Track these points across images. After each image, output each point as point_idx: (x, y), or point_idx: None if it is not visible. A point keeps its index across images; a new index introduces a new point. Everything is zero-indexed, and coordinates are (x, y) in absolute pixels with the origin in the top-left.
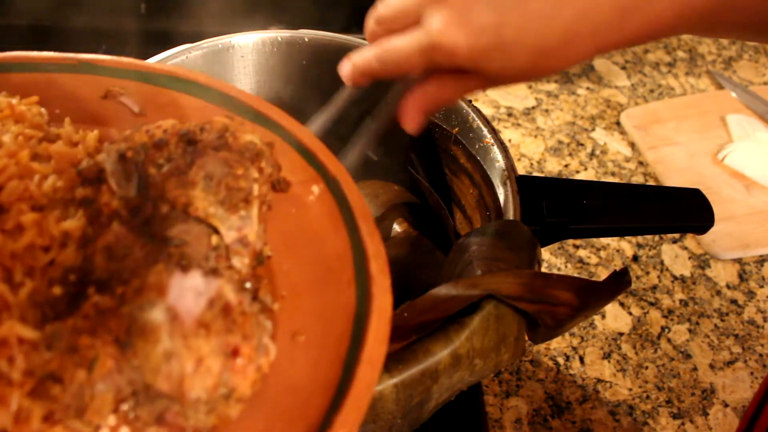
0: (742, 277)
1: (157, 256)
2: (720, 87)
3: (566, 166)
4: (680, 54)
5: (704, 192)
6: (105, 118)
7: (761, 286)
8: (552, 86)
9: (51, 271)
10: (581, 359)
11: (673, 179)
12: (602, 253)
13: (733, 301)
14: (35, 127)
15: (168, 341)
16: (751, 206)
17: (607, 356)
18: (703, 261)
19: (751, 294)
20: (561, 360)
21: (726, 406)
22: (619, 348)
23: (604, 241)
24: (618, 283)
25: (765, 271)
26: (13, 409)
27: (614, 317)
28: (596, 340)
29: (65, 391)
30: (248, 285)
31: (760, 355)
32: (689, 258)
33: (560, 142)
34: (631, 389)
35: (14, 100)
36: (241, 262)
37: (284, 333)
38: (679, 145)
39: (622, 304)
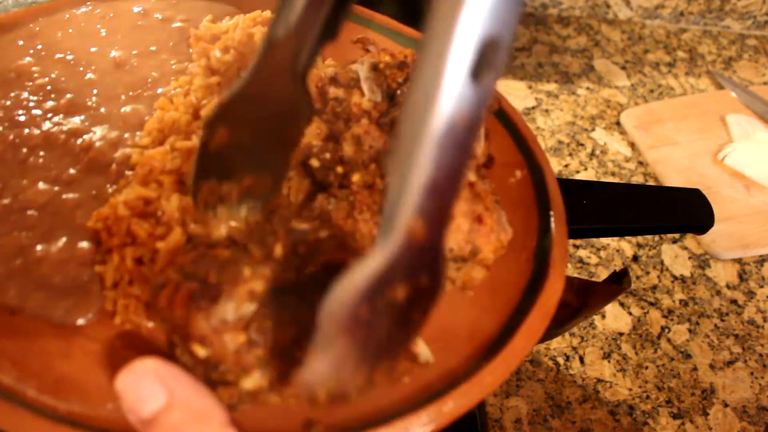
0: (742, 277)
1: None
2: (720, 87)
3: (566, 166)
4: (680, 54)
5: (704, 192)
6: (348, 60)
7: (761, 286)
8: (552, 86)
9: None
10: (581, 359)
11: (673, 179)
12: (602, 253)
13: (733, 301)
14: None
15: None
16: (751, 206)
17: (607, 356)
18: (703, 261)
19: (751, 294)
20: (561, 360)
21: (726, 406)
22: (619, 348)
23: (604, 241)
24: (618, 284)
25: (765, 271)
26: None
27: (614, 317)
28: (596, 340)
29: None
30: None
31: (760, 355)
32: (689, 258)
33: (560, 142)
34: (631, 389)
35: None
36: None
37: (457, 287)
38: (679, 145)
39: (622, 304)
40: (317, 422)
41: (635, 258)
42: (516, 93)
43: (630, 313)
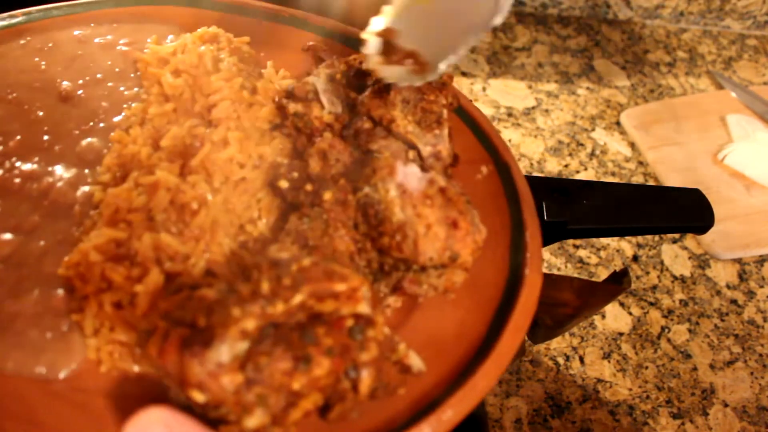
0: (742, 277)
1: (364, 164)
2: (720, 87)
3: (566, 166)
4: (680, 54)
5: (704, 192)
6: (299, 69)
7: (761, 286)
8: (552, 86)
9: (242, 185)
10: (581, 359)
11: (673, 179)
12: (602, 253)
13: (733, 301)
14: (245, 62)
15: (401, 213)
16: (751, 206)
17: (607, 356)
18: (703, 261)
19: (751, 294)
20: (561, 360)
21: (726, 406)
22: (619, 348)
23: (604, 241)
24: (618, 284)
25: (765, 271)
26: None
27: (614, 317)
28: (596, 340)
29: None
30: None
31: (760, 355)
32: (689, 258)
33: (560, 142)
34: (631, 389)
35: (231, 36)
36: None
37: (439, 292)
38: (679, 145)
39: (622, 304)
40: None
41: (635, 258)
42: (516, 93)
43: (630, 313)
